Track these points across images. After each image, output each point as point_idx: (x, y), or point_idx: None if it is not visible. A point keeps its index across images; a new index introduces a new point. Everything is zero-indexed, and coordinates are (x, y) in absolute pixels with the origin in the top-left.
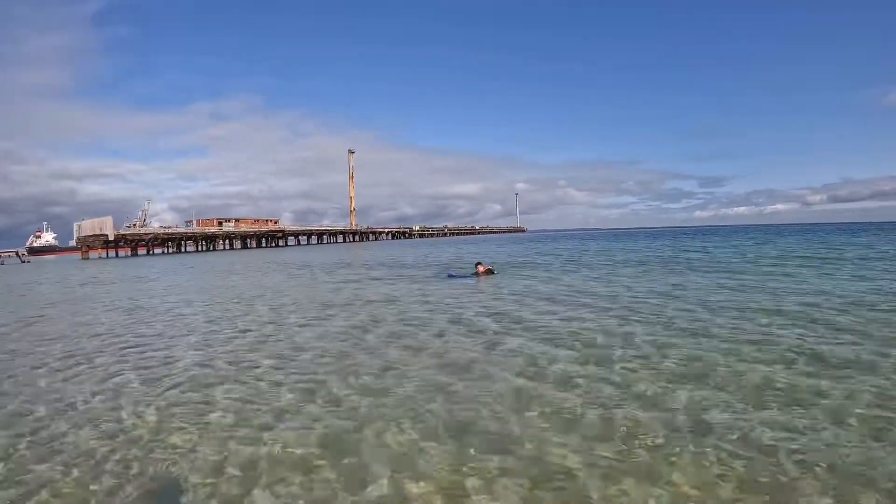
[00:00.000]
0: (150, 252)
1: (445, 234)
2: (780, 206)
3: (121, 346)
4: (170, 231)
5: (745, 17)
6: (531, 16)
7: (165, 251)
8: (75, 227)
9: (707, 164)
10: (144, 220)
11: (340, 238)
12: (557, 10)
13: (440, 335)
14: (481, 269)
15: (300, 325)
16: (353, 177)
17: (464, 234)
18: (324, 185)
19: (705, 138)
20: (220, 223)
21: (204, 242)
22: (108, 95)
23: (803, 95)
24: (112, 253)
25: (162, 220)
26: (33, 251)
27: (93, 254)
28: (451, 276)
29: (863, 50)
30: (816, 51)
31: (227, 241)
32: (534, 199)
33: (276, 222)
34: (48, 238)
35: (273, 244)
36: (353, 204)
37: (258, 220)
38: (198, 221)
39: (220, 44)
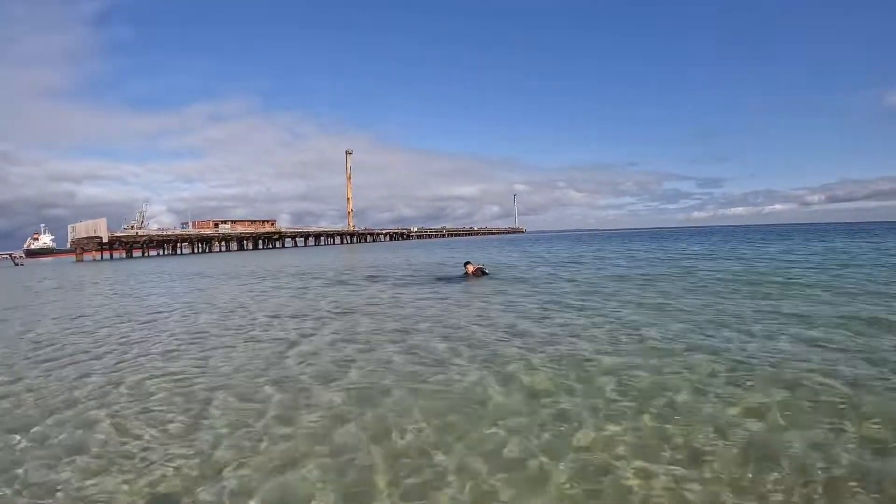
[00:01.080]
0: (146, 254)
1: (443, 235)
2: (778, 207)
3: None
4: (165, 233)
5: (742, 17)
6: (529, 17)
7: (161, 253)
8: (69, 230)
9: (705, 165)
10: (142, 221)
11: (338, 240)
12: (556, 12)
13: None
14: (471, 268)
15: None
16: (350, 178)
17: (462, 235)
18: (322, 187)
19: (704, 139)
20: (216, 225)
21: (200, 244)
22: (107, 96)
23: (802, 96)
24: (107, 255)
25: (160, 221)
26: (31, 253)
27: (87, 256)
28: (438, 278)
29: (862, 51)
30: (815, 52)
31: (223, 243)
32: (532, 200)
33: (273, 224)
34: (46, 240)
35: (270, 246)
36: (351, 205)
37: (255, 222)
38: (194, 223)
39: (218, 45)
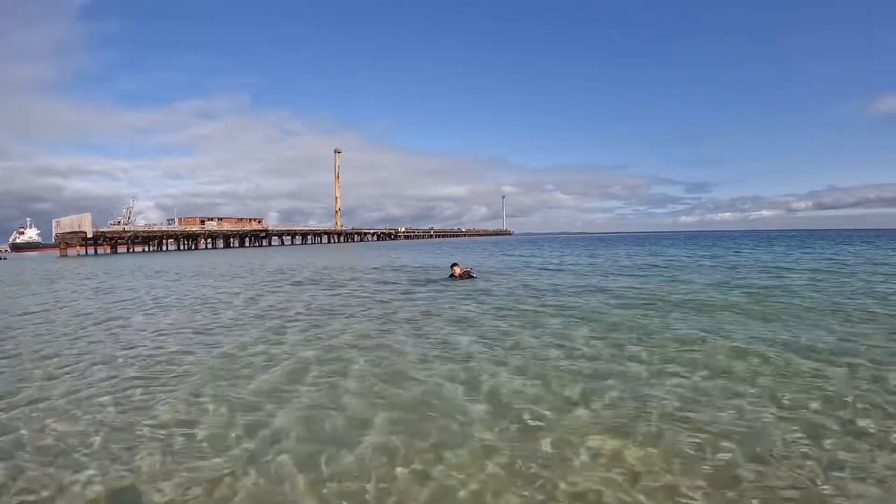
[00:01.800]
0: (131, 250)
1: (431, 235)
2: (764, 213)
3: None
4: (150, 229)
5: (732, 24)
6: (518, 20)
7: (146, 249)
8: (54, 224)
9: (693, 169)
10: (129, 217)
11: (325, 239)
12: (545, 15)
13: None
14: (457, 270)
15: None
16: (338, 177)
17: (450, 236)
18: (310, 185)
19: (692, 144)
20: (202, 222)
21: (185, 241)
22: (95, 91)
23: (790, 103)
24: (91, 251)
25: (147, 217)
26: (16, 247)
27: (71, 251)
28: (422, 279)
29: (850, 60)
30: (804, 60)
31: (208, 240)
32: (520, 201)
33: (260, 221)
34: (31, 234)
35: (256, 244)
36: (339, 204)
37: (242, 220)
38: (180, 220)
39: (207, 41)
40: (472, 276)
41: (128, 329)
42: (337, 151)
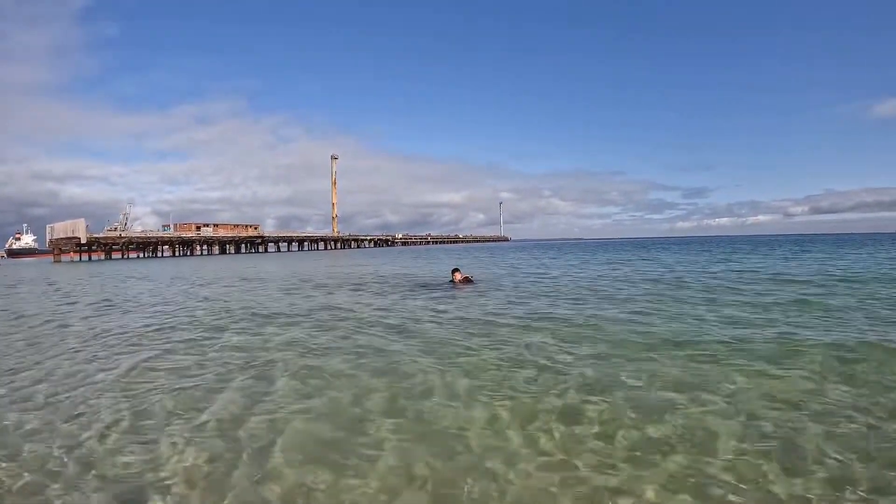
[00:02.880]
0: (125, 256)
1: (428, 242)
2: (761, 218)
3: None
4: (144, 235)
5: (729, 30)
6: (516, 27)
7: (141, 256)
8: (48, 230)
9: (690, 175)
10: (126, 223)
11: (322, 245)
12: (542, 22)
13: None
14: (458, 276)
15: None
16: (335, 183)
17: (447, 242)
18: (307, 191)
19: (689, 150)
20: (198, 228)
21: (181, 247)
22: (92, 94)
23: (788, 107)
24: (86, 257)
25: (144, 223)
26: (12, 253)
27: (65, 257)
28: (421, 286)
29: (848, 64)
30: (801, 64)
31: (204, 246)
32: (518, 208)
33: (256, 228)
34: (28, 240)
35: (252, 250)
36: (336, 210)
37: (238, 226)
38: (175, 226)
39: (204, 44)
40: (472, 282)
41: None
42: (334, 157)
